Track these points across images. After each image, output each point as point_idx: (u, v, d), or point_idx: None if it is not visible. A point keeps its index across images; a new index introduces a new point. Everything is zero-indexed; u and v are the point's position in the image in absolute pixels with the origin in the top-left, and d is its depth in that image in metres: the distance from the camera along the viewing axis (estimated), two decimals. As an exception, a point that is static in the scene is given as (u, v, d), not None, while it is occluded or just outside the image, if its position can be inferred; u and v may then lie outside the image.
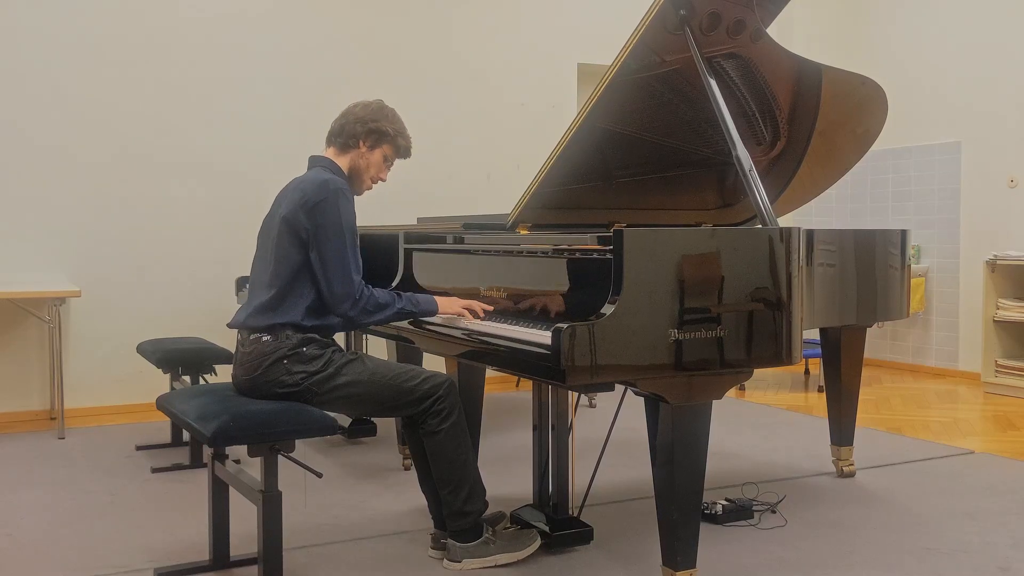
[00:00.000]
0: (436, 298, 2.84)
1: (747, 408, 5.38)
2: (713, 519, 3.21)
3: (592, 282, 2.45)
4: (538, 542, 2.89)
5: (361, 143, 2.86)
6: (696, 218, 3.60)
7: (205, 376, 4.15)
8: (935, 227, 6.63)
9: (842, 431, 3.84)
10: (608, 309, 2.25)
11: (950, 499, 3.53)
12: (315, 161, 2.90)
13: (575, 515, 3.07)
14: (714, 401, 2.48)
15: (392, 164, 2.96)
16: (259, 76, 5.53)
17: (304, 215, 2.67)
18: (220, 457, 2.79)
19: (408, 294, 2.82)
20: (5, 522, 3.28)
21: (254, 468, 2.68)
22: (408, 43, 5.98)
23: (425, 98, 6.04)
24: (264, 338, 2.66)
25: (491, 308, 2.84)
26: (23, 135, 5.03)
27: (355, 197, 2.85)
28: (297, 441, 2.55)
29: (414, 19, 6.00)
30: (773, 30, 3.14)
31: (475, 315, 2.81)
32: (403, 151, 2.95)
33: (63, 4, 5.09)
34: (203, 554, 2.86)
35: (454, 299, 2.87)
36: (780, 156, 3.49)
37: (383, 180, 2.95)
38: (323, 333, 2.73)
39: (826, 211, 7.26)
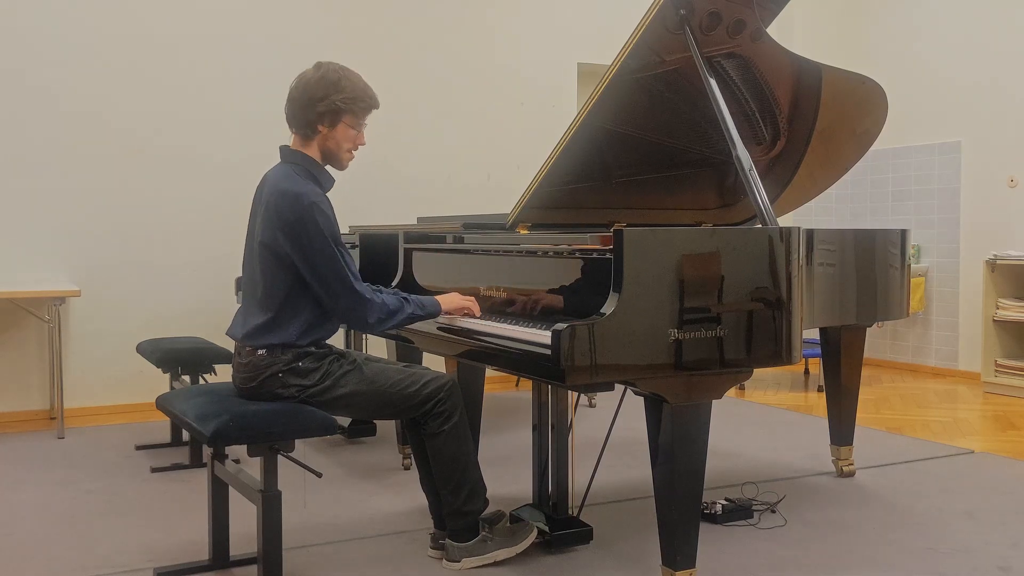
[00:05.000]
0: (437, 298, 2.82)
1: (747, 408, 5.38)
2: (713, 519, 3.21)
3: (592, 282, 2.45)
4: (534, 534, 2.89)
5: (320, 127, 2.67)
6: (696, 218, 3.60)
7: (205, 376, 4.15)
8: (935, 227, 6.63)
9: (842, 431, 3.84)
10: (608, 309, 2.25)
11: (950, 499, 3.53)
12: (286, 154, 2.75)
13: (575, 515, 3.07)
14: (714, 401, 2.48)
15: (364, 125, 2.74)
16: (259, 74, 5.53)
17: (283, 237, 2.58)
18: (220, 457, 2.78)
19: (414, 297, 2.78)
20: (5, 522, 3.28)
21: (254, 468, 2.68)
22: (408, 43, 5.98)
23: (425, 98, 6.04)
24: (259, 352, 2.63)
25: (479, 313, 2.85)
26: (22, 135, 5.03)
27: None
28: (297, 441, 2.55)
29: (414, 18, 6.00)
30: (773, 30, 3.14)
31: (471, 314, 2.82)
32: (367, 109, 2.72)
33: (62, 4, 5.09)
34: (203, 554, 2.86)
35: (454, 295, 2.86)
36: (780, 156, 3.49)
37: (363, 144, 2.76)
38: (319, 343, 2.71)
39: (826, 211, 7.26)
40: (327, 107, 2.66)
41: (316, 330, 2.68)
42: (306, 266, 2.59)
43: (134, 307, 5.26)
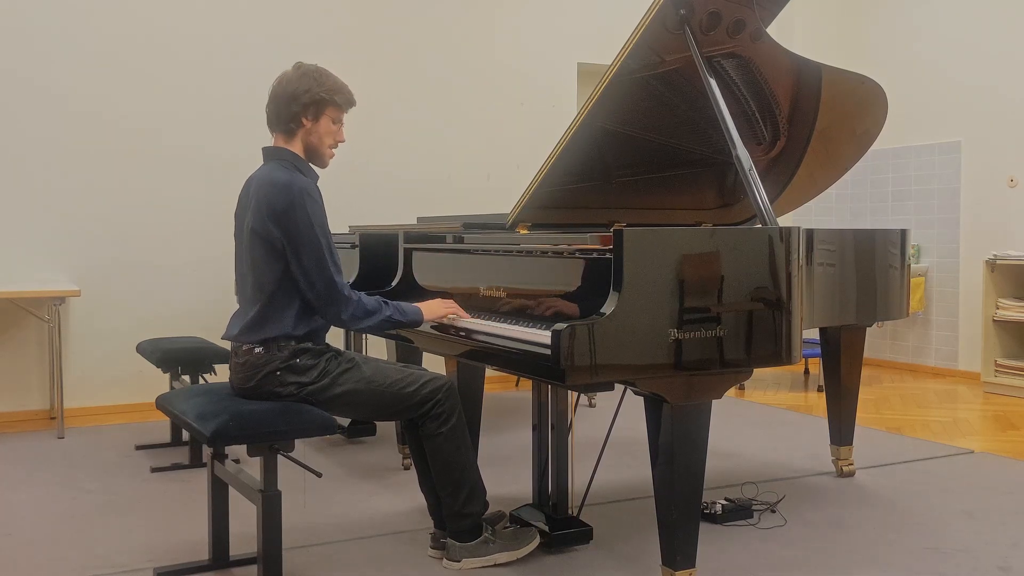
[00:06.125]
0: (419, 306, 2.80)
1: (747, 408, 5.38)
2: (713, 519, 3.21)
3: (592, 282, 2.45)
4: (537, 540, 2.89)
5: (304, 120, 2.70)
6: (696, 218, 3.60)
7: (204, 376, 4.15)
8: (935, 227, 6.63)
9: (842, 431, 3.84)
10: (608, 309, 2.25)
11: (950, 499, 3.53)
12: (270, 153, 2.77)
13: (575, 515, 3.07)
14: (714, 401, 2.48)
15: (343, 122, 2.80)
16: (259, 74, 5.51)
17: (273, 224, 2.59)
18: (220, 457, 2.78)
19: (395, 303, 2.77)
20: (5, 522, 3.28)
21: (254, 468, 2.68)
22: (408, 43, 5.98)
23: (425, 98, 6.04)
24: (256, 349, 2.63)
25: (467, 316, 2.84)
26: (23, 135, 5.03)
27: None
28: (297, 441, 2.55)
29: (414, 18, 6.00)
30: (773, 30, 3.14)
31: (456, 317, 2.83)
32: (346, 104, 2.78)
33: (62, 4, 5.09)
34: (203, 554, 2.86)
35: (436, 301, 2.86)
36: (780, 156, 3.49)
37: (342, 141, 2.80)
38: (316, 339, 2.71)
39: (826, 211, 7.26)
40: (311, 98, 2.70)
41: (311, 319, 2.68)
42: (292, 251, 2.60)
43: (134, 307, 5.26)
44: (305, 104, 2.69)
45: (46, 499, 3.57)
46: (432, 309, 2.82)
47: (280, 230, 2.59)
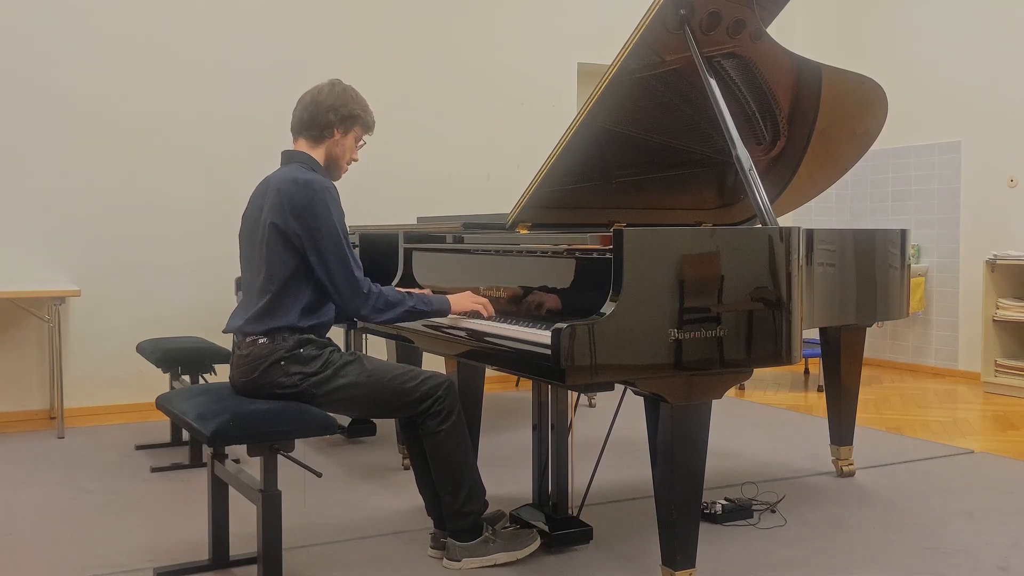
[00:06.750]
0: (449, 297, 2.82)
1: (747, 408, 5.38)
2: (713, 519, 3.21)
3: (592, 282, 2.45)
4: (538, 542, 2.89)
5: (336, 131, 2.81)
6: (696, 218, 3.60)
7: (204, 376, 4.15)
8: (935, 227, 6.63)
9: (842, 431, 3.84)
10: (608, 309, 2.26)
11: (950, 499, 3.53)
12: (290, 156, 2.83)
13: (575, 515, 3.07)
14: (714, 401, 2.48)
15: (364, 143, 2.92)
16: (259, 74, 5.53)
17: (294, 220, 2.62)
18: (220, 457, 2.79)
19: (419, 294, 2.80)
20: (5, 522, 3.28)
21: (254, 468, 2.68)
22: (408, 43, 5.98)
23: (425, 98, 6.04)
24: (260, 340, 2.65)
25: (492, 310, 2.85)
26: (23, 134, 5.03)
27: (341, 192, 2.81)
28: (297, 440, 2.55)
29: (414, 18, 6.01)
30: (773, 30, 3.14)
31: (482, 312, 2.82)
32: (371, 127, 2.92)
33: (62, 4, 5.09)
34: (203, 554, 2.86)
35: (465, 294, 2.86)
36: (780, 156, 3.49)
37: (356, 160, 2.92)
38: (320, 332, 2.72)
39: (826, 211, 7.26)
40: (348, 112, 2.81)
41: (316, 314, 2.70)
42: (312, 247, 2.63)
43: (134, 307, 5.26)
44: (343, 116, 2.81)
45: (46, 499, 3.57)
46: (461, 303, 2.82)
47: (299, 225, 2.63)
